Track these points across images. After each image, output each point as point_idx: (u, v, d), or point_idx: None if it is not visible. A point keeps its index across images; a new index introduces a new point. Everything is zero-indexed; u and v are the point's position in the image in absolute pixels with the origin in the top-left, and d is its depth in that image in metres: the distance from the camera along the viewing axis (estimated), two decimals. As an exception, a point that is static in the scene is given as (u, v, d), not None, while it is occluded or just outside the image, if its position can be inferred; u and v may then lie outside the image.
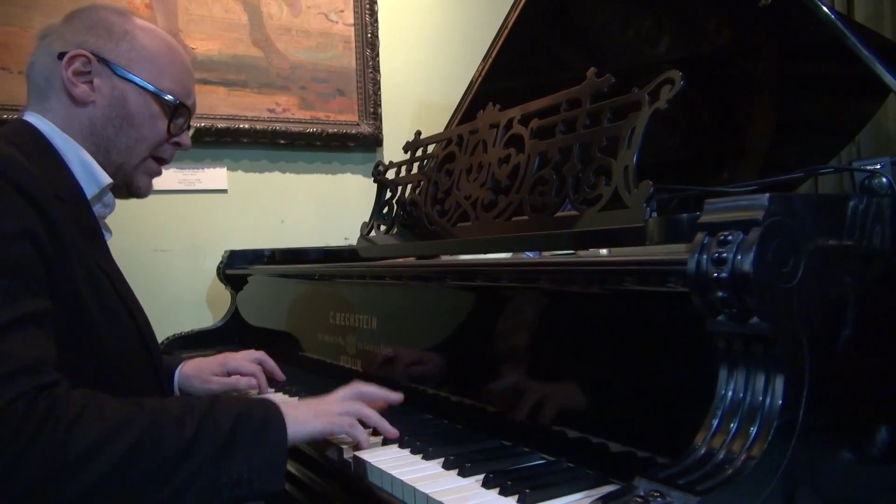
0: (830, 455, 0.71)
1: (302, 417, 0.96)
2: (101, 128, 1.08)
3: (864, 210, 0.76)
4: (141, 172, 1.15)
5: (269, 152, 2.31)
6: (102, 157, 1.09)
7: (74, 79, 1.06)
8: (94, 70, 1.07)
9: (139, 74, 1.09)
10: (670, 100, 1.00)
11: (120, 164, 1.11)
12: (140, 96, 1.10)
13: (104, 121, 1.08)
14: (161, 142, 1.15)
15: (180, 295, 2.17)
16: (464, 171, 1.39)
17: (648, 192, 0.96)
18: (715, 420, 0.68)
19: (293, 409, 0.96)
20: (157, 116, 1.12)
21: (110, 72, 1.08)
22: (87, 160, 1.06)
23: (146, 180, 1.17)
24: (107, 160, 1.09)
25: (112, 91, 1.08)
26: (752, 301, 0.65)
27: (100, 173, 1.07)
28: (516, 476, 0.85)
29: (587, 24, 1.76)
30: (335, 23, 2.38)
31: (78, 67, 1.06)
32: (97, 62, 1.07)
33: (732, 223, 0.67)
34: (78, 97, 1.06)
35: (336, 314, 1.49)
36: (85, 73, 1.06)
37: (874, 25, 1.87)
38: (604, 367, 0.88)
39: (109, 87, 1.08)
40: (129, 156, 1.11)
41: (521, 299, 1.03)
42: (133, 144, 1.11)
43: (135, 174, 1.14)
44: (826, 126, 1.74)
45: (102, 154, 1.09)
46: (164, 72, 1.12)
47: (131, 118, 1.10)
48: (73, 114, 1.07)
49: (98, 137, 1.08)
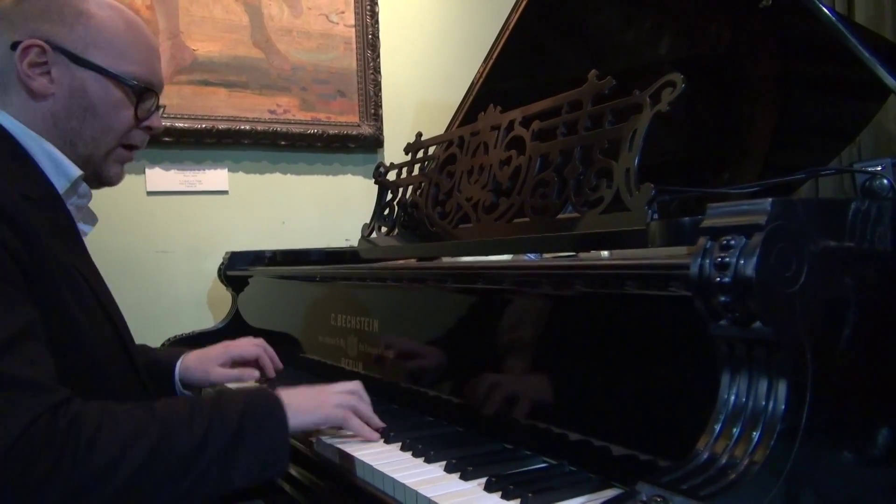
0: (834, 458, 0.71)
1: (302, 407, 0.99)
2: (64, 120, 1.03)
3: (865, 213, 0.76)
4: (111, 162, 1.10)
5: (270, 153, 2.31)
6: (69, 150, 1.03)
7: (30, 71, 0.99)
8: (50, 60, 1.00)
9: (98, 60, 1.02)
10: (672, 102, 1.00)
11: (88, 155, 1.06)
12: (101, 84, 1.03)
13: (66, 113, 1.02)
14: (129, 129, 1.09)
15: (181, 296, 2.17)
16: (465, 173, 1.39)
17: (650, 195, 0.96)
18: (717, 424, 0.68)
19: (294, 398, 0.99)
20: (121, 103, 1.06)
21: (67, 60, 1.01)
22: (55, 154, 1.01)
23: (117, 168, 1.12)
24: (74, 153, 1.04)
25: (72, 81, 1.02)
26: (755, 305, 0.65)
27: (69, 166, 1.02)
28: (518, 480, 0.85)
29: (588, 26, 1.76)
30: (336, 24, 2.38)
31: (33, 59, 0.99)
32: (52, 51, 1.00)
33: (735, 227, 0.67)
34: (36, 90, 1.00)
35: (337, 316, 1.49)
36: (41, 64, 1.00)
37: (874, 26, 1.87)
38: (606, 371, 0.88)
39: (69, 76, 1.01)
40: (97, 147, 1.06)
41: (523, 302, 1.03)
42: (99, 135, 1.05)
43: (104, 164, 1.09)
44: (827, 127, 1.74)
45: (69, 147, 1.03)
46: (124, 54, 1.05)
47: (94, 108, 1.03)
48: (34, 108, 1.01)
49: (62, 131, 1.03)
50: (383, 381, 1.30)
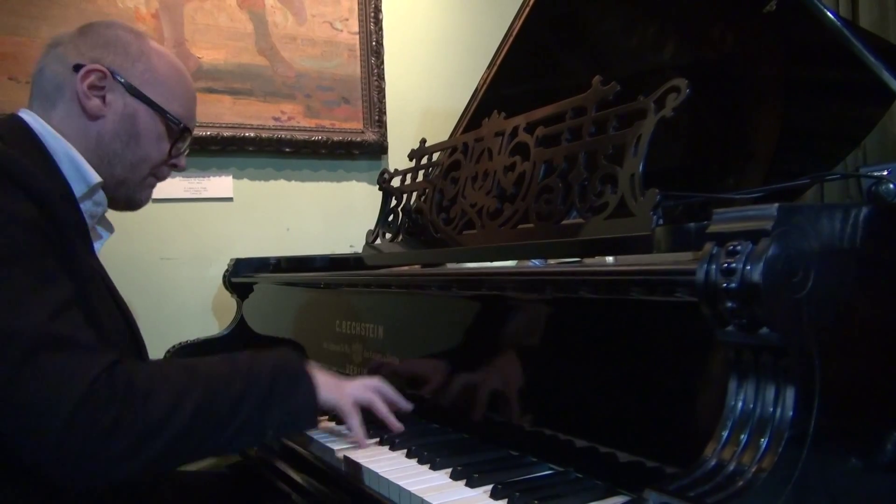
0: (842, 465, 0.70)
1: (321, 383, 1.06)
2: (108, 142, 1.11)
3: (872, 218, 0.75)
4: (144, 186, 1.19)
5: (274, 160, 2.31)
6: (106, 170, 1.11)
7: (89, 92, 1.08)
8: (108, 86, 1.10)
9: (151, 95, 1.13)
10: (676, 107, 1.00)
11: (123, 178, 1.14)
12: (150, 116, 1.14)
13: (112, 136, 1.11)
14: (162, 162, 1.18)
15: (186, 303, 2.18)
16: (469, 179, 1.39)
17: (655, 200, 0.96)
18: (725, 431, 0.67)
19: (317, 373, 1.07)
20: (162, 137, 1.16)
21: (124, 90, 1.11)
22: (77, 158, 1.07)
23: (148, 192, 1.22)
24: (110, 173, 1.12)
25: (124, 108, 1.11)
26: (762, 311, 0.64)
27: (88, 171, 1.08)
28: (524, 487, 0.84)
29: (592, 31, 1.76)
30: (340, 31, 2.39)
31: (93, 81, 1.08)
32: (112, 79, 1.10)
33: (741, 233, 0.66)
34: (90, 110, 1.09)
35: (342, 322, 1.49)
36: (99, 88, 1.09)
37: (879, 30, 1.87)
38: (611, 377, 0.88)
39: (121, 104, 1.11)
40: (132, 172, 1.15)
41: (528, 308, 1.03)
42: (137, 162, 1.14)
43: (137, 188, 1.18)
44: (832, 132, 1.73)
45: (106, 167, 1.11)
46: (174, 96, 1.16)
47: (139, 136, 1.13)
48: (82, 124, 1.09)
49: (104, 151, 1.11)
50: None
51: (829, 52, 1.35)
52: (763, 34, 1.56)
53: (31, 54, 1.91)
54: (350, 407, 1.09)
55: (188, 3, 2.16)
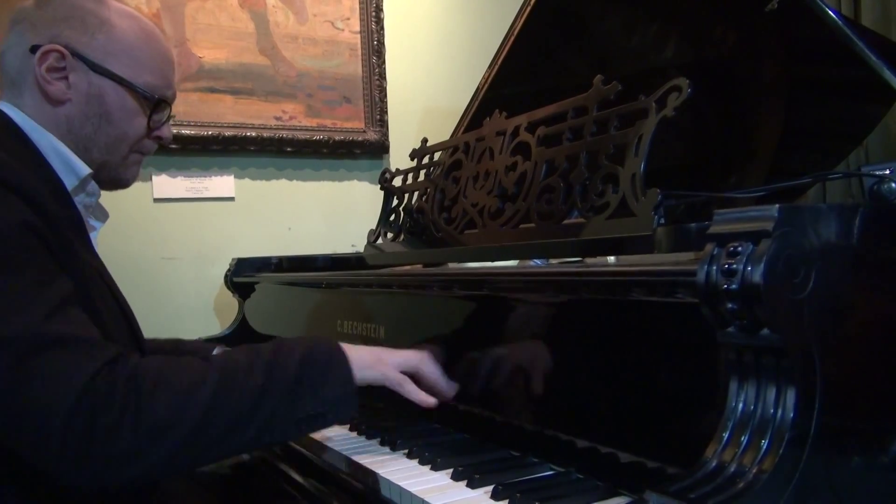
0: (843, 466, 0.70)
1: (363, 361, 0.99)
2: (79, 126, 1.04)
3: (874, 217, 0.75)
4: (127, 165, 1.12)
5: (275, 160, 2.32)
6: (83, 154, 1.04)
7: (48, 76, 1.00)
8: (69, 66, 1.01)
9: (117, 69, 1.04)
10: (678, 107, 0.99)
11: (103, 161, 1.07)
12: (118, 92, 1.05)
13: (82, 119, 1.04)
14: (141, 137, 1.10)
15: (188, 303, 2.18)
16: (470, 179, 1.39)
17: (656, 200, 0.96)
18: (725, 432, 0.67)
19: (355, 351, 1.00)
20: (136, 112, 1.07)
21: (86, 67, 1.02)
22: (64, 151, 1.02)
23: (134, 170, 1.14)
24: (88, 158, 1.05)
25: (89, 88, 1.03)
26: (763, 312, 0.64)
27: (77, 164, 1.03)
28: (525, 488, 0.84)
29: (593, 31, 1.75)
30: (341, 30, 2.39)
31: (52, 63, 1.00)
32: (72, 57, 1.01)
33: (742, 234, 0.66)
34: (53, 95, 1.01)
35: (343, 322, 1.49)
36: (59, 70, 1.01)
37: (882, 29, 1.87)
38: (612, 377, 0.88)
39: (86, 83, 1.03)
40: (111, 153, 1.07)
41: (529, 308, 1.03)
42: (113, 142, 1.07)
43: (120, 169, 1.11)
44: (834, 130, 1.73)
45: (83, 152, 1.04)
46: (143, 64, 1.06)
47: (109, 115, 1.05)
48: (49, 111, 1.02)
49: (76, 136, 1.04)
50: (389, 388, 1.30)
51: (830, 50, 1.34)
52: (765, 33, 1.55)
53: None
54: (398, 377, 1.02)
55: (189, 3, 2.16)
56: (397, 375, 1.03)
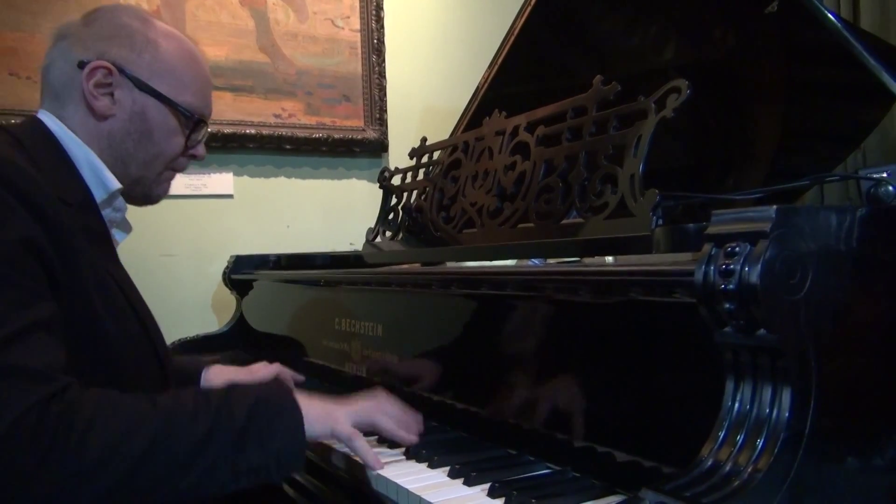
0: (838, 466, 0.71)
1: (312, 415, 0.95)
2: (119, 141, 1.06)
3: (870, 220, 0.75)
4: (159, 182, 1.15)
5: (274, 157, 2.32)
6: (121, 169, 1.07)
7: (95, 91, 1.03)
8: (115, 82, 1.04)
9: (161, 88, 1.07)
10: (677, 108, 1.00)
11: (138, 177, 1.10)
12: (160, 111, 1.08)
13: (123, 135, 1.06)
14: (177, 156, 1.13)
15: (186, 300, 2.18)
16: (469, 178, 1.40)
17: (654, 201, 0.96)
18: (721, 432, 0.68)
19: (307, 404, 0.95)
20: (175, 131, 1.10)
21: (132, 85, 1.05)
22: (97, 164, 1.04)
23: (165, 187, 1.17)
24: (125, 173, 1.07)
25: (133, 105, 1.06)
26: (760, 313, 0.65)
27: (109, 178, 1.05)
28: (522, 485, 0.85)
29: (593, 31, 1.76)
30: (341, 29, 2.39)
31: (99, 80, 1.03)
32: (119, 75, 1.04)
33: (740, 235, 0.67)
34: (98, 110, 1.04)
35: (341, 320, 1.49)
36: (106, 85, 1.04)
37: (880, 32, 1.87)
38: (609, 377, 0.88)
39: (130, 100, 1.06)
40: (147, 169, 1.10)
41: (527, 307, 1.03)
42: (151, 159, 1.10)
43: (153, 186, 1.14)
44: (832, 133, 1.73)
45: (121, 166, 1.07)
46: (185, 85, 1.10)
47: (150, 133, 1.08)
48: (92, 125, 1.05)
49: (116, 150, 1.06)
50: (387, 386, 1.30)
51: (829, 53, 1.35)
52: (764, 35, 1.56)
53: (31, 49, 1.92)
54: (348, 432, 0.98)
55: (190, 0, 2.16)
56: (348, 432, 0.98)
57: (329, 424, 0.97)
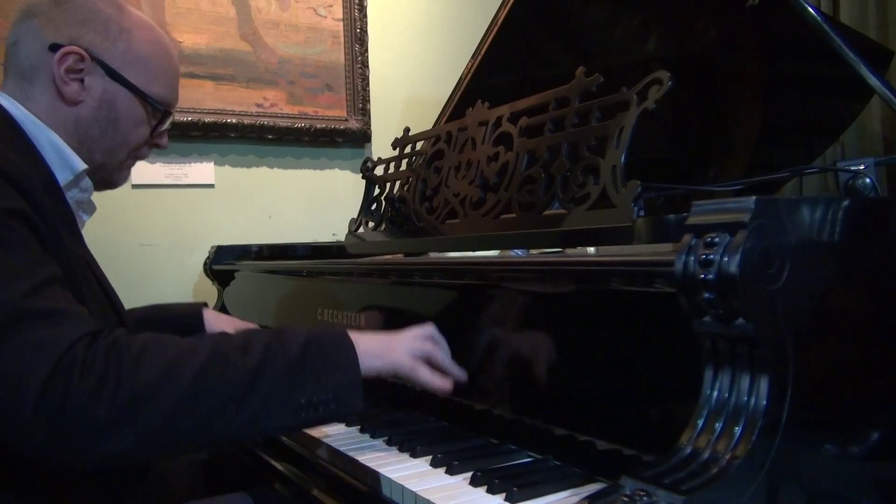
0: (814, 453, 0.72)
1: (371, 350, 0.94)
2: (86, 128, 1.06)
3: (848, 212, 0.77)
4: (121, 170, 1.15)
5: (256, 147, 2.30)
6: (84, 155, 1.06)
7: (66, 76, 1.02)
8: (86, 69, 1.03)
9: (132, 78, 1.06)
10: (658, 100, 1.00)
11: (101, 163, 1.09)
12: (130, 101, 1.08)
13: (90, 121, 1.06)
14: (141, 145, 1.14)
15: (166, 290, 2.16)
16: (452, 169, 1.40)
17: (636, 192, 0.97)
18: (700, 420, 0.69)
19: (363, 340, 0.95)
20: (142, 121, 1.11)
21: (103, 73, 1.04)
22: (60, 145, 1.02)
23: (126, 173, 1.18)
24: (88, 158, 1.06)
25: (102, 93, 1.05)
26: (738, 302, 0.65)
27: (74, 159, 1.03)
28: (503, 474, 0.85)
29: (576, 23, 1.76)
30: (324, 17, 2.37)
31: (71, 65, 1.02)
32: (91, 62, 1.03)
33: (719, 225, 0.67)
34: (67, 95, 1.03)
35: (324, 311, 1.49)
36: (77, 71, 1.03)
37: (859, 26, 1.89)
38: (590, 366, 0.89)
39: (100, 88, 1.05)
40: (111, 157, 1.10)
41: (509, 297, 1.04)
42: (115, 147, 1.09)
43: (114, 173, 1.14)
44: (811, 126, 1.75)
45: (84, 152, 1.06)
46: (156, 76, 1.10)
47: (117, 121, 1.08)
48: (59, 109, 1.04)
49: (82, 136, 1.06)
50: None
51: (809, 47, 1.36)
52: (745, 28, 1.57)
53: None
54: (411, 365, 0.97)
55: (169, -13, 2.13)
56: (410, 365, 0.97)
57: (389, 359, 0.96)
